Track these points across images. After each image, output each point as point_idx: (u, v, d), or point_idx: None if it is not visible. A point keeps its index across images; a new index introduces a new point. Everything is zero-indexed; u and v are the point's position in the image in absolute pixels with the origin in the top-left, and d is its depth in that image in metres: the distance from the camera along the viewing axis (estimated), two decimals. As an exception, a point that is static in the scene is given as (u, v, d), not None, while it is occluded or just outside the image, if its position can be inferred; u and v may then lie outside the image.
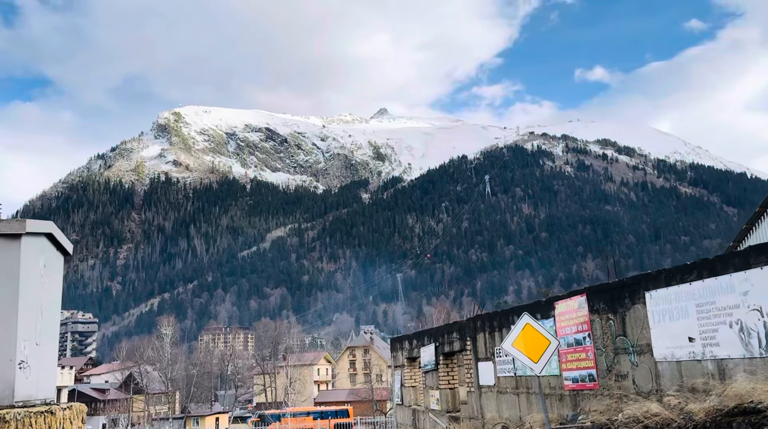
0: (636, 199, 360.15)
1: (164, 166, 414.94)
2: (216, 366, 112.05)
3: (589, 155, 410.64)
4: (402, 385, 19.61)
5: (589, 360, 9.44)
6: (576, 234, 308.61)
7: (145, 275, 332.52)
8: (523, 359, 8.69)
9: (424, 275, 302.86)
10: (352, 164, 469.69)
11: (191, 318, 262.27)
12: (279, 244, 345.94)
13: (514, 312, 11.98)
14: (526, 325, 8.78)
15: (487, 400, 13.17)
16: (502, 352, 12.31)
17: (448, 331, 15.64)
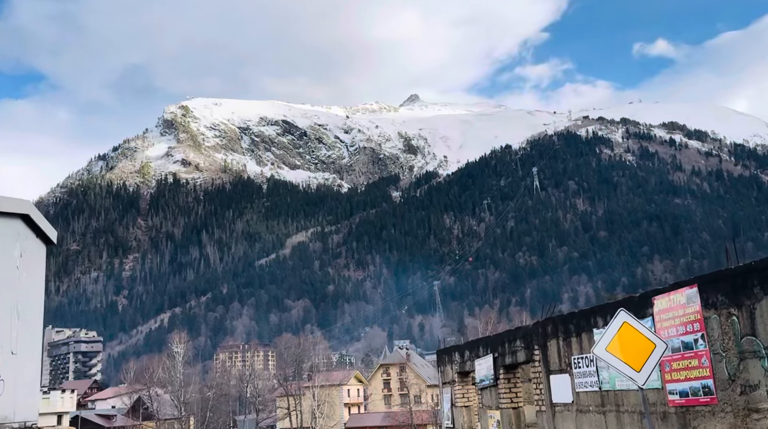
0: (710, 190, 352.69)
1: (172, 167, 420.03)
2: (234, 387, 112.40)
3: (654, 141, 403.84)
4: (453, 405, 18.71)
5: (704, 368, 8.42)
6: (640, 232, 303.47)
7: (154, 288, 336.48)
8: (622, 367, 7.73)
9: (465, 283, 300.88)
10: (380, 159, 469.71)
11: (205, 334, 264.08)
12: (300, 251, 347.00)
13: (597, 312, 10.99)
14: (623, 325, 7.82)
15: (562, 421, 12.21)
16: (582, 362, 11.34)
17: (509, 339, 14.70)
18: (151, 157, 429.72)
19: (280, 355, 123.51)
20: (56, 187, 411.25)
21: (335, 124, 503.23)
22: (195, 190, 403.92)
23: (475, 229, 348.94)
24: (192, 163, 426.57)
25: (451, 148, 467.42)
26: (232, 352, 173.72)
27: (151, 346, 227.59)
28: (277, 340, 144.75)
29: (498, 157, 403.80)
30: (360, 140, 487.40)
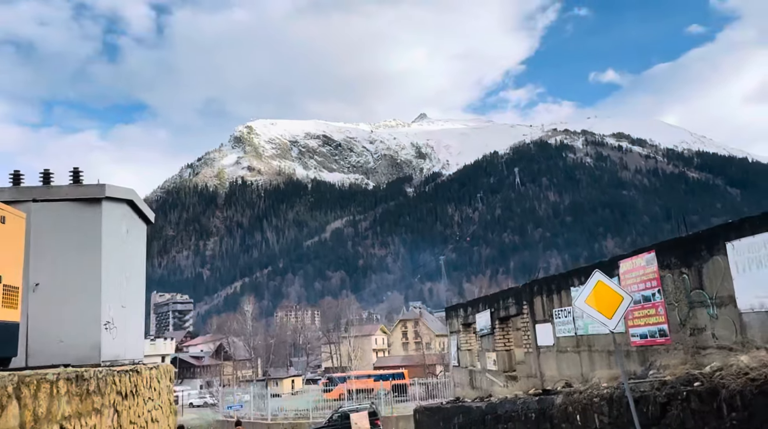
0: (649, 184, 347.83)
1: (240, 172, 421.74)
2: (289, 337, 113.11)
3: (606, 147, 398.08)
4: (458, 348, 18.43)
5: (660, 315, 8.09)
6: (597, 217, 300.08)
7: (229, 263, 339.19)
8: (597, 316, 7.41)
9: (464, 257, 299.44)
10: (398, 163, 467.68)
11: (267, 298, 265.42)
12: (337, 234, 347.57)
13: (572, 274, 10.67)
14: (598, 283, 7.49)
15: (545, 359, 11.89)
16: (561, 313, 11.02)
17: (503, 297, 14.38)
18: (225, 164, 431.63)
19: (324, 313, 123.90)
20: (157, 189, 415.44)
21: (362, 137, 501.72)
22: (257, 189, 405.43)
23: (471, 216, 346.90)
24: (255, 169, 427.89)
25: (452, 154, 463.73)
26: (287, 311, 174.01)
27: (228, 307, 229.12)
28: (321, 302, 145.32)
29: (488, 161, 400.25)
30: (382, 149, 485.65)
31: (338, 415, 29.78)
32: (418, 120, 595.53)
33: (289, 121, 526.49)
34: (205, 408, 53.85)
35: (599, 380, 8.87)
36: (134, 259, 6.73)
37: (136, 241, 6.83)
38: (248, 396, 34.52)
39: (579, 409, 8.71)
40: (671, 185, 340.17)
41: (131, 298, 6.59)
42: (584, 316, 10.15)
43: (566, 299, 10.81)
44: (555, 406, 9.59)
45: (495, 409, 12.06)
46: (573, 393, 9.18)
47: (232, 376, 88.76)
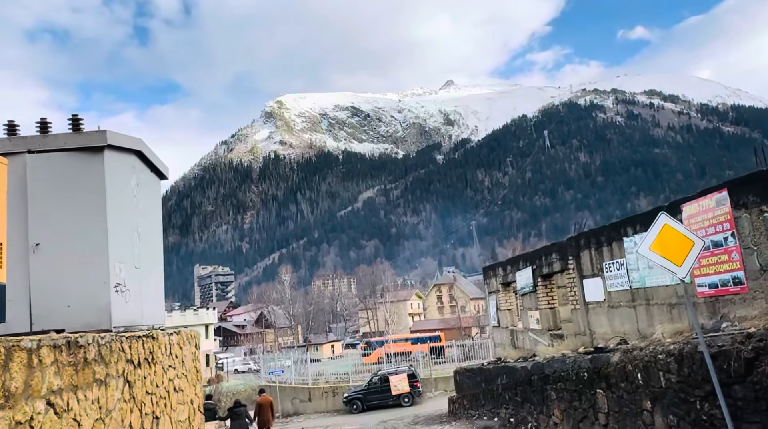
0: (682, 141, 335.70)
1: (273, 146, 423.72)
2: (327, 304, 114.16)
3: (637, 105, 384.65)
4: (498, 308, 17.59)
5: (733, 262, 7.05)
6: (629, 176, 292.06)
7: (266, 235, 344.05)
8: (664, 263, 6.41)
9: (495, 221, 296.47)
10: (426, 131, 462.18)
11: (304, 268, 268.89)
12: (370, 204, 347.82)
13: (626, 224, 9.62)
14: (664, 226, 6.46)
15: (595, 315, 10.96)
16: (613, 266, 10.03)
17: (546, 253, 13.40)
18: (257, 140, 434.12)
19: (360, 281, 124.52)
20: (194, 166, 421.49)
21: (390, 107, 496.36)
22: (290, 162, 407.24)
23: (501, 180, 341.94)
24: (287, 143, 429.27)
25: (480, 120, 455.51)
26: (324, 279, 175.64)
27: (267, 277, 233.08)
28: (357, 269, 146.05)
29: (517, 125, 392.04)
30: (410, 118, 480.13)
31: (378, 378, 29.53)
32: (445, 87, 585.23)
33: (318, 94, 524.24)
34: (248, 374, 54.79)
35: (662, 335, 7.93)
36: (148, 216, 5.98)
37: (149, 197, 6.08)
38: (289, 361, 34.63)
39: (640, 367, 7.80)
40: (705, 141, 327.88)
41: (146, 259, 5.86)
42: (640, 268, 9.17)
43: (618, 251, 9.80)
44: (611, 365, 8.70)
45: (542, 369, 11.24)
46: (632, 350, 8.26)
47: (273, 343, 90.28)
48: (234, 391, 41.29)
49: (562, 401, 10.27)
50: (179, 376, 5.77)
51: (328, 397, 30.68)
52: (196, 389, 6.37)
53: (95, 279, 4.92)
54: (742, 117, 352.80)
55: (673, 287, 8.33)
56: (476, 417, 15.13)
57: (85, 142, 5.17)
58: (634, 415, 8.06)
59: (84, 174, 5.09)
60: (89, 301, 4.89)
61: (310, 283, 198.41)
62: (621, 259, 9.68)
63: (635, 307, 9.47)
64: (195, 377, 6.36)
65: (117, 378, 4.03)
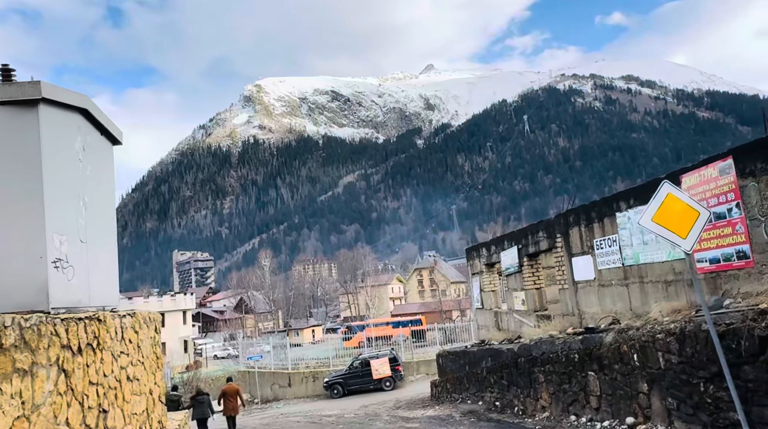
0: (659, 125, 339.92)
1: (252, 131, 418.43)
2: (308, 289, 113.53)
3: (615, 90, 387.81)
4: (481, 290, 17.17)
5: (738, 234, 6.61)
6: (607, 161, 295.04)
7: (246, 220, 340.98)
8: (668, 235, 5.92)
9: (475, 206, 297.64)
10: (407, 115, 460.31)
11: (285, 253, 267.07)
12: (350, 188, 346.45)
13: (618, 198, 9.15)
14: (667, 196, 5.97)
15: (585, 295, 10.54)
16: (604, 243, 9.58)
17: (532, 232, 12.94)
18: (236, 124, 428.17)
19: (340, 265, 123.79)
20: (172, 151, 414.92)
21: (371, 91, 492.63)
22: (270, 147, 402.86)
23: (481, 165, 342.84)
24: (266, 127, 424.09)
25: (460, 104, 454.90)
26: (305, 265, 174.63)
27: (247, 262, 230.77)
28: (337, 254, 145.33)
29: (497, 109, 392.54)
30: (390, 102, 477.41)
31: (359, 362, 29.12)
32: (426, 71, 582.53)
33: (297, 78, 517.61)
34: (228, 360, 54.10)
35: (661, 314, 7.51)
36: (97, 183, 5.26)
37: (99, 162, 5.36)
38: (268, 347, 34.05)
39: (636, 348, 7.37)
40: (681, 126, 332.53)
41: (95, 231, 5.15)
42: (634, 244, 8.72)
43: (611, 227, 9.34)
44: (604, 346, 8.27)
45: (529, 351, 10.82)
46: (627, 330, 7.83)
47: (253, 329, 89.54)
48: (212, 377, 40.61)
49: (550, 384, 9.87)
50: (134, 364, 5.13)
51: (308, 382, 30.21)
52: (156, 378, 5.73)
53: (30, 253, 4.22)
54: (716, 102, 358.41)
55: (670, 264, 7.90)
56: (460, 401, 14.74)
57: (15, 94, 4.43)
58: (628, 398, 7.65)
59: (15, 131, 4.37)
60: (22, 279, 4.20)
61: (291, 269, 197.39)
62: (613, 235, 9.23)
63: (628, 286, 9.05)
64: (155, 364, 5.71)
65: (48, 367, 3.44)
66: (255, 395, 31.42)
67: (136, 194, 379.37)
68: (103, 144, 5.59)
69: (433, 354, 28.79)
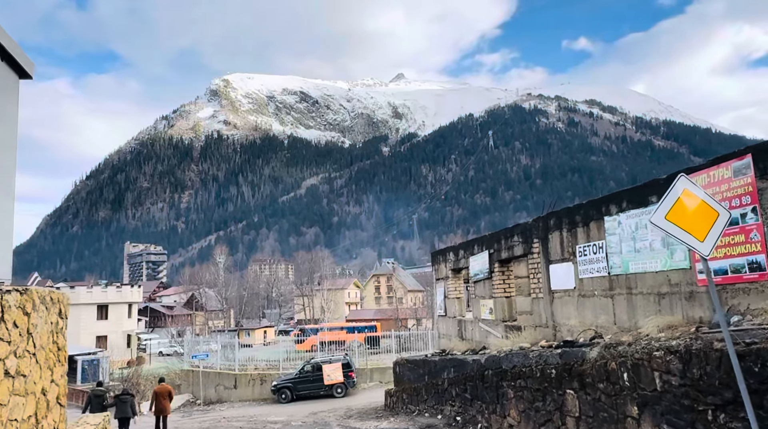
0: (617, 150, 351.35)
1: (216, 125, 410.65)
2: (263, 289, 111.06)
3: (578, 113, 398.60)
4: (446, 296, 16.30)
5: (753, 243, 5.86)
6: (566, 181, 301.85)
7: (204, 216, 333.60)
8: (683, 237, 5.10)
9: (436, 217, 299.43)
10: (374, 122, 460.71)
11: (242, 251, 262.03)
12: (312, 191, 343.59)
13: (609, 201, 8.36)
14: (684, 192, 5.15)
15: (562, 306, 9.73)
16: (589, 249, 8.79)
17: (506, 236, 12.12)
18: (201, 118, 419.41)
19: (298, 267, 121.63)
20: (131, 140, 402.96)
21: (340, 95, 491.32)
22: (233, 143, 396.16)
23: (444, 176, 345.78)
24: (231, 123, 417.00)
25: (428, 115, 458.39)
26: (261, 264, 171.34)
27: (202, 259, 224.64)
28: (295, 255, 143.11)
29: (463, 123, 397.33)
30: (359, 107, 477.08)
31: (310, 366, 27.87)
32: (396, 80, 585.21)
33: (267, 75, 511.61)
34: (174, 357, 51.75)
35: (657, 329, 6.70)
36: (-10, 119, 4.10)
37: (-3, 95, 4.08)
38: (216, 345, 32.38)
39: (627, 366, 6.53)
40: (638, 152, 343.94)
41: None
42: (623, 251, 7.96)
43: (597, 232, 8.56)
44: (587, 361, 7.42)
45: (498, 363, 9.94)
46: (615, 345, 6.99)
47: (204, 326, 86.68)
48: (154, 374, 38.46)
49: (521, 401, 8.98)
50: (21, 355, 3.90)
51: (255, 384, 28.72)
52: (55, 375, 4.50)
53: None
54: (672, 132, 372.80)
55: (665, 274, 7.14)
56: (417, 413, 13.77)
57: None
58: (613, 422, 6.80)
59: None
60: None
61: (247, 268, 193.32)
62: (600, 241, 8.45)
63: (613, 297, 8.27)
64: (53, 358, 4.48)
65: None
66: (198, 396, 29.70)
67: (90, 182, 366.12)
68: (5, 73, 4.36)
69: (387, 361, 27.81)
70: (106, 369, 37.91)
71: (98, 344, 46.40)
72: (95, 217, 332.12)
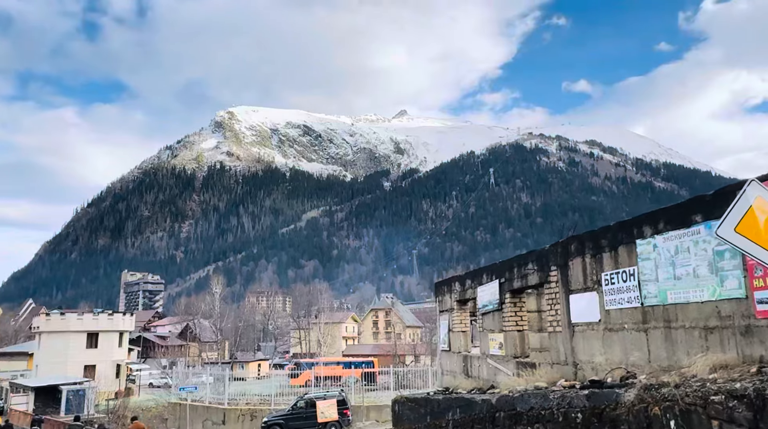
0: (617, 191, 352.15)
1: (219, 156, 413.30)
2: (259, 321, 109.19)
3: (579, 153, 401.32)
4: (450, 330, 15.20)
5: (830, 268, 4.91)
6: (567, 220, 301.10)
7: (203, 246, 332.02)
8: (758, 253, 4.17)
9: (436, 252, 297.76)
10: (376, 157, 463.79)
11: (240, 282, 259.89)
12: (313, 224, 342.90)
13: (641, 223, 7.42)
14: (757, 200, 4.25)
15: (584, 340, 8.69)
16: (617, 277, 7.82)
17: (519, 264, 11.15)
18: (204, 148, 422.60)
19: (295, 300, 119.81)
20: (134, 169, 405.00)
21: (343, 130, 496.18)
22: (236, 174, 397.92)
23: (445, 212, 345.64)
24: (234, 154, 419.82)
25: (429, 152, 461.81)
26: (258, 296, 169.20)
27: (200, 289, 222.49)
28: (293, 287, 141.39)
29: (464, 160, 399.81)
30: (361, 142, 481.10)
31: (303, 402, 26.44)
32: (399, 116, 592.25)
33: (271, 109, 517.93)
34: (163, 389, 49.93)
35: (708, 369, 5.68)
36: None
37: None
38: (207, 378, 30.93)
39: (675, 412, 5.49)
40: (638, 193, 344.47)
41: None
42: (660, 278, 6.98)
43: (627, 258, 7.61)
44: (622, 405, 6.36)
45: (512, 405, 8.83)
46: (657, 387, 5.96)
47: (197, 358, 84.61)
48: (143, 406, 36.85)
49: (540, 449, 7.86)
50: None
51: (245, 420, 27.24)
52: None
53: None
54: (672, 174, 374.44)
55: (713, 304, 6.15)
56: (418, 457, 12.51)
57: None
58: (657, 479, 5.72)
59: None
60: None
61: (244, 299, 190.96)
62: (630, 267, 7.49)
63: (647, 331, 7.26)
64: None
65: None
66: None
67: (92, 209, 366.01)
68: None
69: (385, 399, 26.42)
70: (91, 400, 36.28)
71: (86, 374, 44.74)
72: (94, 244, 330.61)
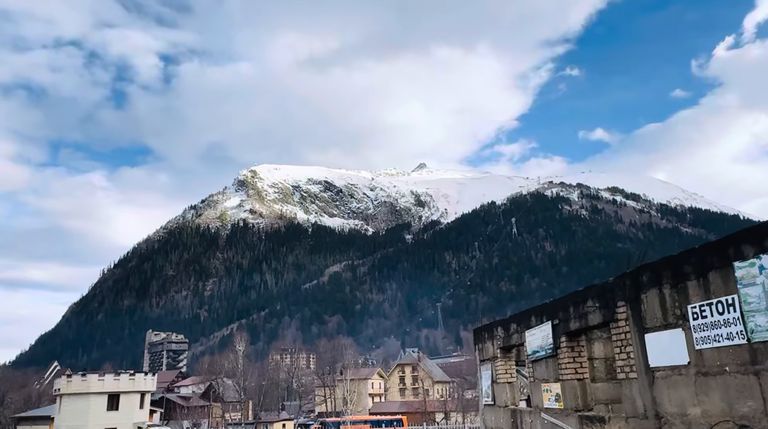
0: (643, 237, 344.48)
1: (242, 214, 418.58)
2: (283, 380, 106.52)
3: (601, 200, 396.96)
4: (494, 381, 13.68)
5: None
6: (593, 268, 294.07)
7: (227, 304, 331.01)
8: None
9: (461, 304, 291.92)
10: (397, 210, 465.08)
11: (263, 340, 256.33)
12: (336, 278, 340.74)
13: (739, 240, 6.20)
14: None
15: (668, 388, 7.28)
16: (710, 310, 6.51)
17: (576, 302, 9.85)
18: (228, 207, 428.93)
19: (320, 356, 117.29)
20: (159, 229, 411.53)
21: (363, 184, 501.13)
22: (259, 231, 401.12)
23: (468, 264, 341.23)
24: (257, 212, 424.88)
25: (450, 203, 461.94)
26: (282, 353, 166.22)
27: (223, 348, 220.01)
28: (317, 343, 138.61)
29: (485, 210, 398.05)
30: (382, 196, 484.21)
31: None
32: (418, 169, 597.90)
33: (293, 166, 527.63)
34: (185, 453, 47.83)
35: None
36: None
37: None
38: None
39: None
40: (665, 239, 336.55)
41: None
42: None
43: (723, 285, 6.33)
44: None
45: (586, 469, 7.36)
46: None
47: (221, 419, 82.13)
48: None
49: None
50: None
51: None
52: None
53: None
54: (698, 219, 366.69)
55: None
56: None
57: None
58: None
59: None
60: None
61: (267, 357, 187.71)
62: (728, 296, 6.22)
63: (759, 374, 5.91)
64: None
65: None
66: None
67: (118, 270, 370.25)
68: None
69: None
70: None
71: (106, 437, 43.14)
72: (120, 305, 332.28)
